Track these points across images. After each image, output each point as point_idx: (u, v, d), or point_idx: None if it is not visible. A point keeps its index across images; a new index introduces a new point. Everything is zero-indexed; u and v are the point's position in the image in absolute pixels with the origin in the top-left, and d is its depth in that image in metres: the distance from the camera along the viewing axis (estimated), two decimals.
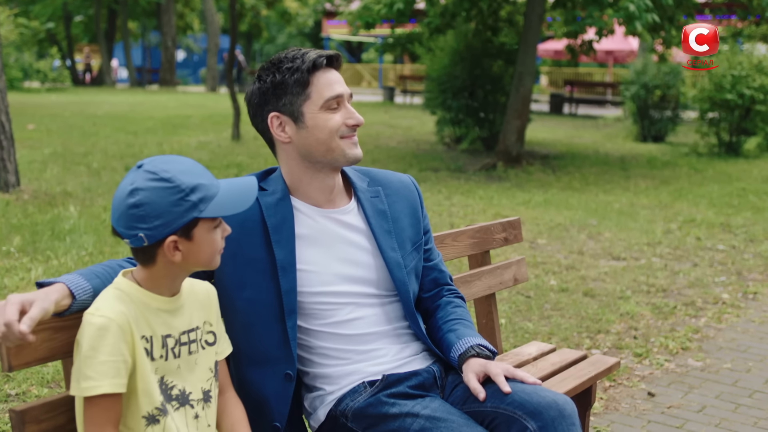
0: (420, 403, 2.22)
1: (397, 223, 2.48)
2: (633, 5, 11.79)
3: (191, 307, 2.09)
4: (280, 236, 2.32)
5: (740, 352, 5.13)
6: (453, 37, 16.07)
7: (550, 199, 10.40)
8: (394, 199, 2.52)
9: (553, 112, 29.59)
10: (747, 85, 15.66)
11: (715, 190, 11.65)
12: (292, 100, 2.31)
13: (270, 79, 2.31)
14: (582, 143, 18.48)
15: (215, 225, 1.99)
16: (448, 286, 2.63)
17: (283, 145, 2.36)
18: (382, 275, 2.42)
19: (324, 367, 2.36)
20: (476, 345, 2.37)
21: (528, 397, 2.16)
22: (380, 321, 2.41)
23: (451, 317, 2.50)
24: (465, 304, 2.62)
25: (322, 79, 2.33)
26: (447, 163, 13.96)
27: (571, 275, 6.73)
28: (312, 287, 2.33)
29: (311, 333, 2.36)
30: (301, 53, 2.33)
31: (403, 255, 2.45)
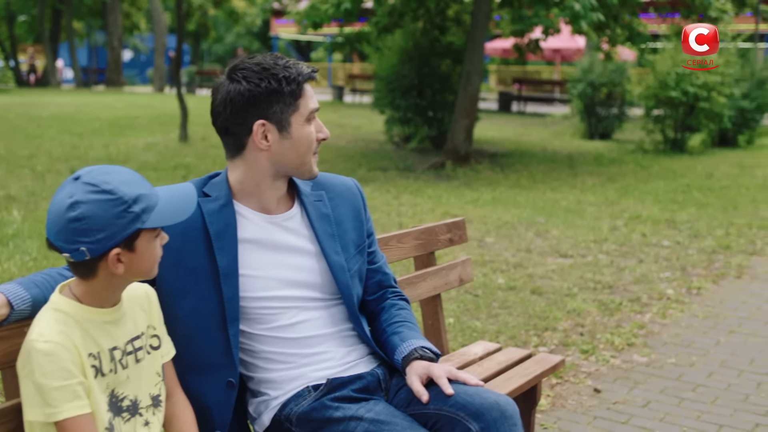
0: (364, 407, 2.23)
1: (340, 226, 2.49)
2: (578, 4, 11.91)
3: (133, 313, 2.07)
4: (223, 243, 2.30)
5: (684, 347, 5.21)
6: (401, 37, 16.11)
7: (498, 197, 10.47)
8: (338, 202, 2.52)
9: (501, 110, 29.80)
10: (691, 83, 15.90)
11: (661, 186, 11.82)
12: (283, 109, 2.29)
13: (264, 85, 2.28)
14: (530, 141, 18.63)
15: (156, 234, 1.98)
16: (393, 288, 2.63)
17: (256, 152, 2.33)
18: (326, 279, 2.42)
19: (268, 371, 2.36)
20: (420, 347, 2.38)
21: (470, 398, 2.18)
22: (325, 324, 2.41)
23: (395, 320, 2.51)
24: (409, 306, 2.63)
25: (308, 91, 2.34)
26: (396, 162, 13.99)
27: (519, 273, 6.79)
28: (255, 292, 2.33)
29: (255, 338, 2.35)
30: (293, 63, 2.32)
31: (346, 258, 2.46)
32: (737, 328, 5.63)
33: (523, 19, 12.89)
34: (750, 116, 18.13)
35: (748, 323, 5.73)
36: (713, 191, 11.48)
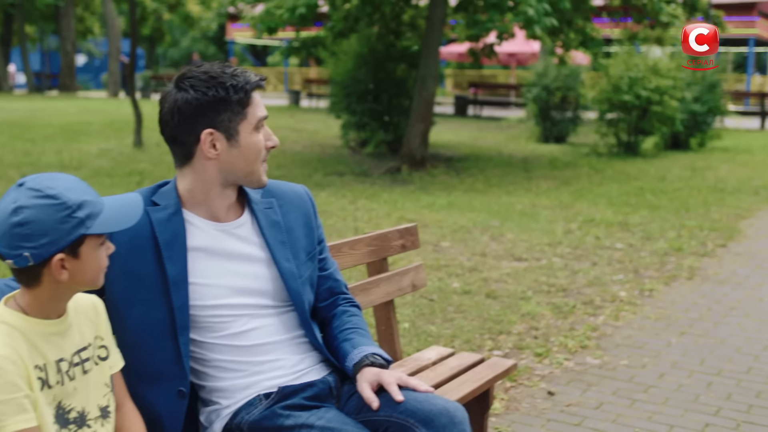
0: (315, 414, 2.24)
1: (291, 233, 2.49)
2: (532, 9, 12.00)
3: (80, 324, 2.06)
4: (172, 252, 2.30)
5: (636, 349, 5.27)
6: (356, 41, 16.13)
7: (453, 201, 10.52)
8: (288, 209, 2.53)
9: (457, 114, 29.94)
10: (643, 87, 16.11)
11: (614, 189, 11.95)
12: (231, 117, 2.29)
13: (212, 93, 2.27)
14: (486, 145, 18.74)
15: (101, 242, 1.97)
16: (344, 294, 2.65)
17: (205, 161, 2.32)
18: (277, 286, 2.42)
19: (220, 380, 2.36)
20: (371, 354, 2.39)
21: (420, 405, 2.20)
22: (277, 331, 2.41)
23: (347, 326, 2.52)
24: (361, 312, 2.64)
25: (256, 99, 2.34)
26: (352, 167, 14.00)
27: (474, 277, 6.82)
28: (205, 301, 2.32)
29: (206, 346, 2.35)
30: (240, 71, 2.32)
31: (297, 265, 2.46)
32: (688, 329, 5.71)
33: (477, 24, 12.97)
34: (701, 119, 18.41)
35: (698, 324, 5.82)
36: (666, 194, 11.64)
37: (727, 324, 5.84)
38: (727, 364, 5.03)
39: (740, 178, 13.53)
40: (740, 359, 5.11)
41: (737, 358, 5.14)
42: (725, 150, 18.50)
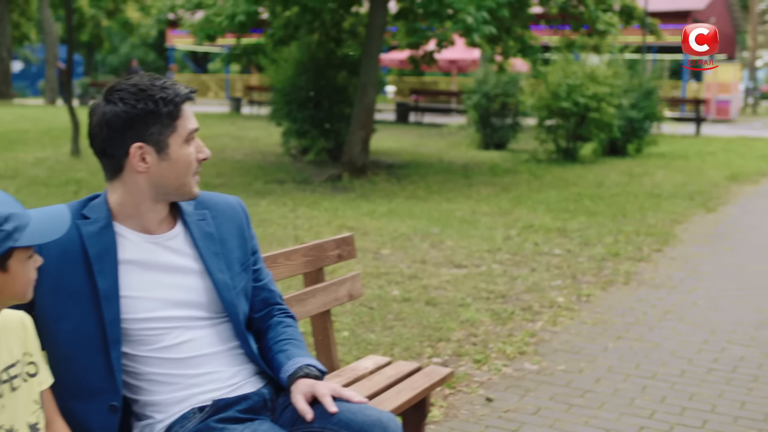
0: (249, 427, 2.24)
1: (224, 244, 2.49)
2: (471, 18, 12.10)
3: (8, 341, 2.03)
4: (103, 265, 2.28)
5: (573, 354, 5.34)
6: (297, 49, 16.11)
7: (394, 208, 10.55)
8: (221, 221, 2.52)
9: (399, 121, 30.06)
10: (581, 94, 16.33)
11: (553, 195, 12.09)
12: (160, 130, 2.28)
13: (141, 106, 2.26)
14: (427, 152, 18.83)
15: (29, 255, 1.95)
16: (279, 305, 2.65)
17: (135, 174, 2.31)
18: (212, 297, 2.41)
19: (153, 394, 2.34)
20: (305, 365, 2.40)
21: (353, 416, 2.21)
22: (211, 343, 2.40)
23: (282, 337, 2.52)
24: (296, 323, 2.65)
25: (187, 111, 2.33)
26: (293, 174, 13.97)
27: (414, 284, 6.85)
28: (138, 314, 2.31)
29: (139, 359, 2.33)
30: (170, 83, 2.31)
31: (231, 276, 2.46)
32: (624, 333, 5.80)
33: (417, 31, 13.04)
34: (638, 126, 18.72)
35: (634, 329, 5.91)
36: (603, 199, 11.80)
37: (661, 328, 5.95)
38: (661, 367, 5.12)
39: (676, 184, 13.78)
40: (674, 362, 5.21)
41: (671, 361, 5.24)
42: (661, 156, 18.83)
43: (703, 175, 15.22)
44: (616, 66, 18.09)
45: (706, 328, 5.95)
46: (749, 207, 11.66)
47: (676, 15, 38.62)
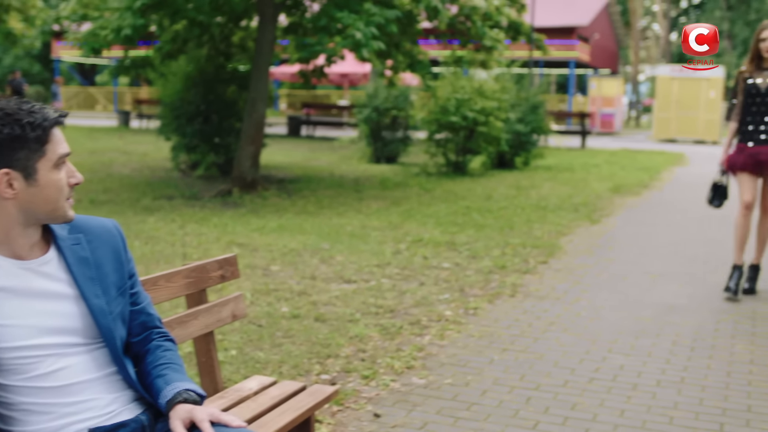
0: None
1: (100, 269, 2.45)
2: (360, 33, 12.18)
3: None
4: None
5: (460, 367, 5.42)
6: (185, 63, 15.93)
7: (284, 224, 10.52)
8: (97, 245, 2.49)
9: (291, 134, 30.02)
10: (470, 108, 16.59)
11: (443, 209, 12.23)
12: (28, 155, 2.23)
13: (7, 131, 2.20)
14: (318, 166, 18.84)
15: None
16: (158, 329, 2.62)
17: (2, 201, 2.25)
18: (87, 323, 2.38)
19: (27, 424, 2.29)
20: (184, 390, 2.38)
21: None
22: (89, 369, 2.36)
23: (160, 362, 2.50)
24: (175, 346, 2.62)
25: (56, 136, 2.29)
26: (182, 190, 13.79)
27: (303, 301, 6.85)
28: (9, 342, 2.25)
29: (11, 389, 2.28)
30: (38, 108, 2.26)
31: (107, 301, 2.43)
32: (510, 345, 5.91)
33: (306, 47, 13.05)
34: (525, 139, 19.12)
35: (519, 340, 6.03)
36: (491, 212, 12.00)
37: (546, 339, 6.08)
38: (545, 378, 5.24)
39: (561, 196, 14.11)
40: (557, 373, 5.33)
41: (555, 372, 5.36)
42: (548, 168, 19.27)
43: (587, 187, 15.64)
44: (503, 81, 18.45)
45: (588, 338, 6.11)
46: (630, 218, 12.03)
47: (562, 31, 39.69)
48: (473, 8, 14.43)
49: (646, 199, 14.52)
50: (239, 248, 8.88)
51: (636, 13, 63.87)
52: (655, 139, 35.51)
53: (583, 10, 43.05)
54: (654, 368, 5.48)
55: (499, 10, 14.92)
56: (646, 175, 18.35)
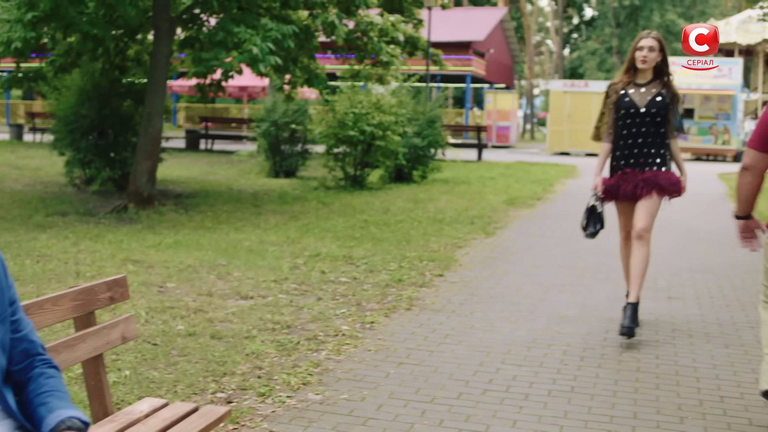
0: None
1: None
2: (256, 48, 12.17)
3: None
4: None
5: (356, 382, 5.46)
6: (79, 76, 15.64)
7: (181, 240, 10.40)
8: None
9: (189, 148, 29.72)
10: (367, 123, 16.70)
11: (340, 223, 12.28)
12: None
13: None
14: (216, 180, 18.70)
15: None
16: (41, 356, 2.59)
17: None
18: None
19: None
20: (67, 418, 2.36)
21: None
22: None
23: (43, 389, 2.47)
24: (59, 373, 2.59)
25: None
26: (76, 206, 13.52)
27: (199, 318, 6.80)
28: None
29: None
30: None
31: None
32: (406, 359, 5.98)
33: (202, 61, 12.96)
34: (423, 153, 19.35)
35: (415, 354, 6.11)
36: (389, 226, 12.10)
37: (441, 352, 6.17)
38: (440, 391, 5.32)
39: (458, 209, 14.32)
40: (452, 386, 5.42)
41: (449, 384, 5.45)
42: (445, 182, 19.53)
43: (483, 200, 15.91)
44: (400, 95, 18.65)
45: (482, 350, 6.23)
46: (525, 230, 12.29)
47: (458, 46, 40.31)
48: (370, 24, 14.58)
49: (540, 211, 14.86)
50: (134, 265, 8.75)
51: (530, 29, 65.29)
52: (549, 151, 36.37)
53: (478, 25, 43.84)
54: (545, 378, 5.62)
55: (395, 26, 15.11)
56: (540, 188, 18.77)
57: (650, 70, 6.64)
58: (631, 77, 6.66)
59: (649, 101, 6.57)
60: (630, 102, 6.59)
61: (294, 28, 13.08)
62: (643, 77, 6.65)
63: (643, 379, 5.66)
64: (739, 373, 5.83)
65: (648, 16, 69.00)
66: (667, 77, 6.67)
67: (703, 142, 34.66)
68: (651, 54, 6.55)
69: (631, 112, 6.58)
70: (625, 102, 6.61)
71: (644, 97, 6.59)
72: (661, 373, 5.79)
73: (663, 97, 6.59)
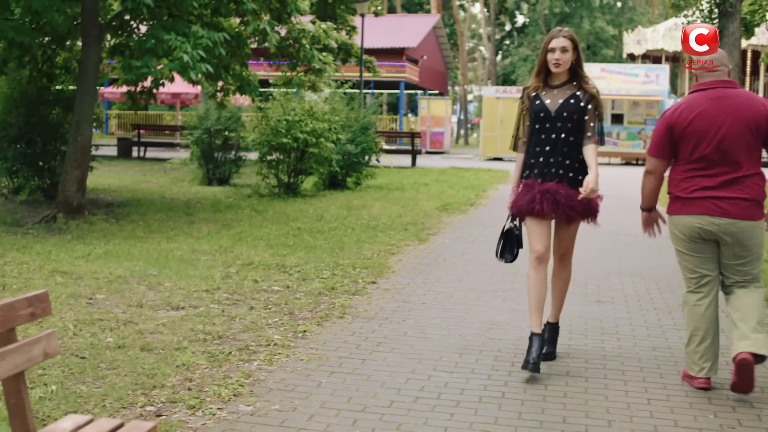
0: None
1: None
2: (187, 56, 12.08)
3: None
4: None
5: (288, 392, 5.44)
6: (6, 84, 15.35)
7: (111, 250, 10.25)
8: None
9: (121, 156, 29.36)
10: (301, 130, 16.67)
11: (273, 231, 12.22)
12: None
13: None
14: (149, 188, 18.51)
15: None
16: None
17: None
18: None
19: None
20: None
21: None
22: None
23: None
24: None
25: None
26: (3, 216, 13.24)
27: (129, 330, 6.71)
28: None
29: None
30: None
31: None
32: (338, 368, 5.98)
33: (132, 69, 12.82)
34: (356, 160, 19.37)
35: (347, 362, 6.11)
36: (322, 233, 12.09)
37: (373, 360, 6.19)
38: (371, 399, 5.33)
39: (391, 215, 14.37)
40: (384, 394, 5.43)
41: (381, 393, 5.46)
42: (379, 188, 19.58)
43: (417, 206, 15.99)
44: (333, 102, 18.66)
45: (414, 358, 6.25)
46: (457, 236, 12.38)
47: (391, 52, 40.49)
48: (302, 31, 14.57)
49: (473, 216, 14.98)
50: (63, 277, 8.61)
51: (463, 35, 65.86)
52: (482, 157, 36.71)
53: (411, 32, 44.10)
54: (476, 384, 5.67)
55: (327, 34, 15.12)
56: (473, 193, 18.92)
57: (565, 72, 6.03)
58: (542, 80, 6.09)
59: (562, 104, 5.97)
60: (541, 105, 6.00)
61: (225, 36, 13.02)
62: (557, 79, 6.05)
63: (572, 383, 5.74)
64: (665, 376, 5.95)
65: (578, 23, 70.13)
66: (583, 78, 6.06)
67: (632, 146, 35.31)
68: (564, 55, 5.94)
69: (542, 117, 5.98)
70: (536, 106, 6.02)
71: (556, 99, 5.99)
72: (590, 377, 5.88)
73: (577, 99, 5.98)
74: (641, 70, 39.66)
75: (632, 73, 37.72)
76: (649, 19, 72.33)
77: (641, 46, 47.75)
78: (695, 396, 5.52)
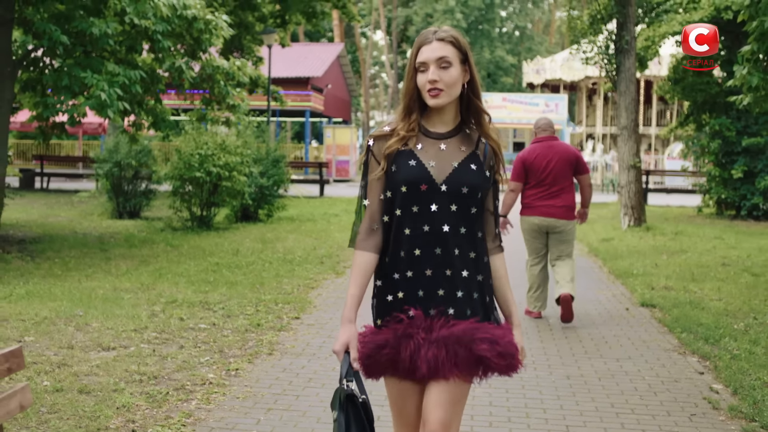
0: None
1: None
2: (105, 94, 12.17)
3: None
4: None
5: (229, 430, 5.67)
6: None
7: (32, 290, 10.22)
8: None
9: (23, 187, 28.92)
10: (213, 164, 16.81)
11: (192, 267, 12.33)
12: None
13: None
14: (59, 222, 18.36)
15: None
16: None
17: None
18: None
19: None
20: None
21: None
22: None
23: None
24: None
25: None
26: None
27: (65, 372, 6.82)
28: None
29: None
30: None
31: None
32: (273, 404, 6.23)
33: (48, 106, 12.83)
34: (268, 192, 19.59)
35: (282, 399, 6.37)
36: (241, 268, 12.26)
37: (306, 396, 6.46)
38: None
39: (306, 248, 14.63)
40: (321, 429, 5.71)
41: (318, 428, 5.74)
42: (291, 220, 19.84)
43: (330, 237, 16.29)
44: (245, 136, 18.87)
45: None
46: None
47: (297, 81, 40.83)
48: (216, 68, 14.77)
49: None
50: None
51: (365, 62, 66.58)
52: None
53: (316, 61, 44.54)
54: None
55: (241, 70, 15.35)
56: None
57: (451, 106, 3.36)
58: (416, 123, 3.36)
59: (457, 169, 3.32)
60: (418, 170, 3.30)
61: (141, 73, 13.15)
62: (439, 120, 3.38)
63: (496, 413, 6.11)
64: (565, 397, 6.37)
65: (479, 51, 71.63)
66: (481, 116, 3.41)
67: None
68: (445, 74, 3.26)
69: (421, 192, 3.29)
70: (408, 170, 3.30)
71: (446, 160, 3.33)
72: (512, 407, 6.27)
73: (479, 160, 3.37)
74: (541, 99, 40.91)
75: (533, 102, 38.89)
76: (547, 48, 74.42)
77: (540, 76, 49.12)
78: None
